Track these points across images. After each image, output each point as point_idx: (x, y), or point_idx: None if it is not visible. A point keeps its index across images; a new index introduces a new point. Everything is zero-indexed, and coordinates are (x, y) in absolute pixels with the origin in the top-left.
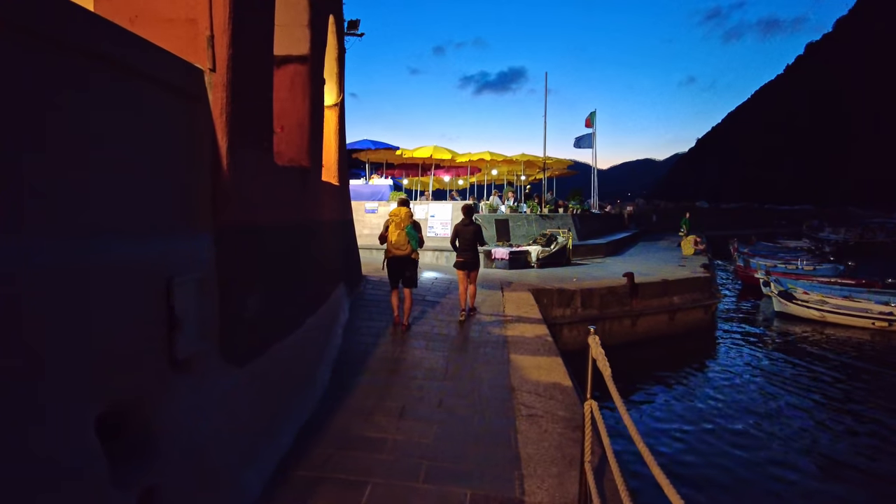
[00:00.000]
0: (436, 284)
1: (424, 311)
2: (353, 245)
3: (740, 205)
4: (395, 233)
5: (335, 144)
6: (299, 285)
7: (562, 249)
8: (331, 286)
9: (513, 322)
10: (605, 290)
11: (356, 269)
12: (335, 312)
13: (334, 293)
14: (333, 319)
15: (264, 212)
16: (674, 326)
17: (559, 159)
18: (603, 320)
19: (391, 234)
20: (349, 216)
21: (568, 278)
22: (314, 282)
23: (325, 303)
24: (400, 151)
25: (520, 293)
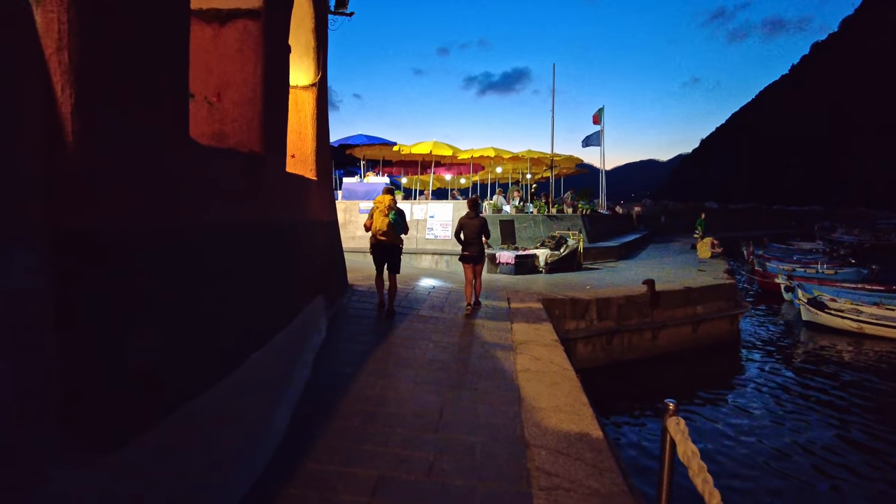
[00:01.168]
0: (433, 295)
1: (417, 329)
2: (337, 250)
3: (749, 205)
4: (379, 219)
5: (312, 132)
6: (242, 309)
7: (572, 253)
8: (301, 302)
9: (523, 343)
10: (624, 299)
11: (340, 278)
12: (305, 336)
13: (306, 311)
14: (301, 345)
15: (169, 210)
16: (697, 339)
17: (568, 156)
18: (621, 333)
19: (376, 221)
20: (332, 217)
21: (580, 285)
22: (270, 301)
23: (288, 326)
24: (398, 147)
25: (529, 305)
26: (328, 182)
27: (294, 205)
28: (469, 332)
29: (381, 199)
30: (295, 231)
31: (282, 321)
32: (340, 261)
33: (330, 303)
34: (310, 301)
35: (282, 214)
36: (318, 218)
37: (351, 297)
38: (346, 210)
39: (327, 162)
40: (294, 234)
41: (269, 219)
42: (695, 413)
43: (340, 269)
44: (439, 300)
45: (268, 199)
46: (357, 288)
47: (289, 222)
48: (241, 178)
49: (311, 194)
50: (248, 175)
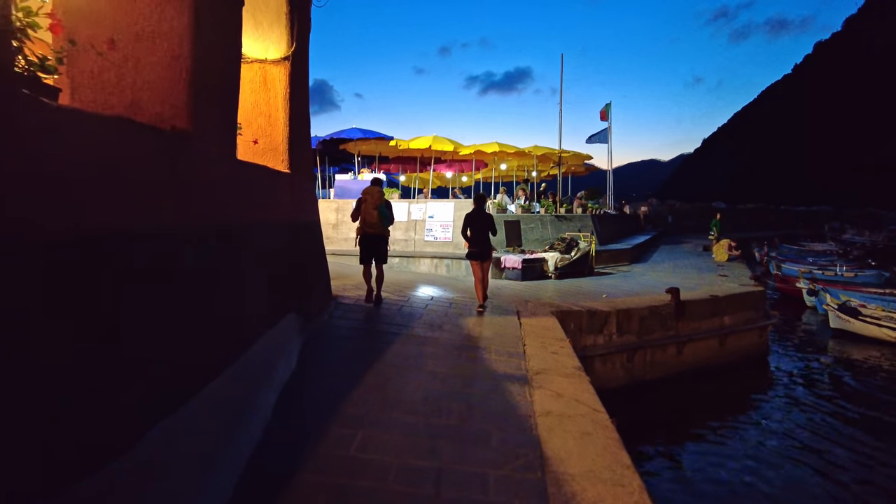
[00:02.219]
0: (431, 308)
1: (410, 355)
2: (319, 257)
3: (757, 206)
4: (368, 212)
5: (283, 116)
6: (140, 359)
7: (584, 257)
8: (257, 328)
9: (540, 373)
10: (647, 310)
11: (321, 290)
12: (262, 373)
13: (265, 339)
14: (255, 387)
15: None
16: (725, 353)
17: (577, 153)
18: (643, 348)
19: (364, 213)
20: (312, 217)
21: (595, 293)
22: (197, 338)
23: (232, 366)
24: (394, 142)
25: (542, 320)
26: (307, 176)
27: (251, 202)
28: (474, 357)
29: (369, 191)
30: (249, 235)
31: (219, 362)
32: (322, 269)
33: (306, 321)
34: (274, 324)
35: (228, 214)
36: (292, 219)
37: (334, 312)
38: (339, 209)
39: (306, 153)
40: (247, 240)
41: (200, 221)
42: (725, 437)
43: (322, 280)
44: (438, 314)
45: (202, 195)
46: (343, 300)
47: (241, 224)
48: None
49: (281, 190)
50: (167, 160)
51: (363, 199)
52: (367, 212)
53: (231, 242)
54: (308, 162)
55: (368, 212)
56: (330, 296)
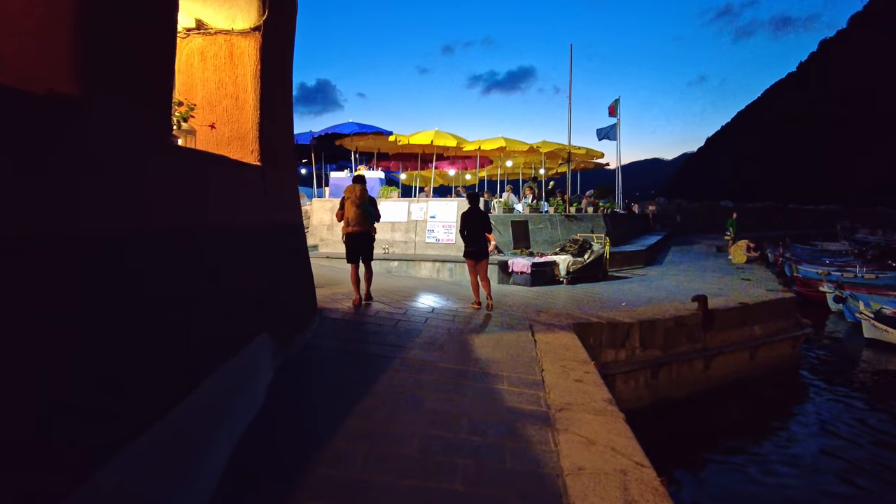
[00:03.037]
0: (431, 323)
1: (406, 386)
2: (300, 265)
3: (765, 204)
4: (351, 210)
5: (253, 97)
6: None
7: (598, 260)
8: (209, 363)
9: (564, 410)
10: (672, 321)
11: (302, 305)
12: (208, 424)
13: (223, 372)
14: (193, 448)
15: None
16: (755, 367)
17: (588, 149)
18: (669, 364)
19: (348, 212)
20: (291, 218)
21: (612, 301)
22: (96, 388)
23: (168, 414)
24: (394, 137)
25: (559, 336)
26: (286, 171)
27: (200, 202)
28: (482, 389)
29: (352, 188)
30: (196, 244)
31: (138, 423)
32: (305, 280)
33: (282, 343)
34: (236, 351)
35: (159, 218)
36: (263, 220)
37: (319, 330)
38: (334, 209)
39: (285, 143)
40: (193, 250)
41: (103, 226)
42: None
43: (304, 292)
44: (439, 330)
45: (104, 190)
46: (331, 313)
47: (182, 230)
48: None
49: (247, 186)
50: (33, 137)
51: (346, 198)
52: (349, 210)
53: (163, 255)
54: (288, 153)
55: (351, 209)
56: (314, 309)
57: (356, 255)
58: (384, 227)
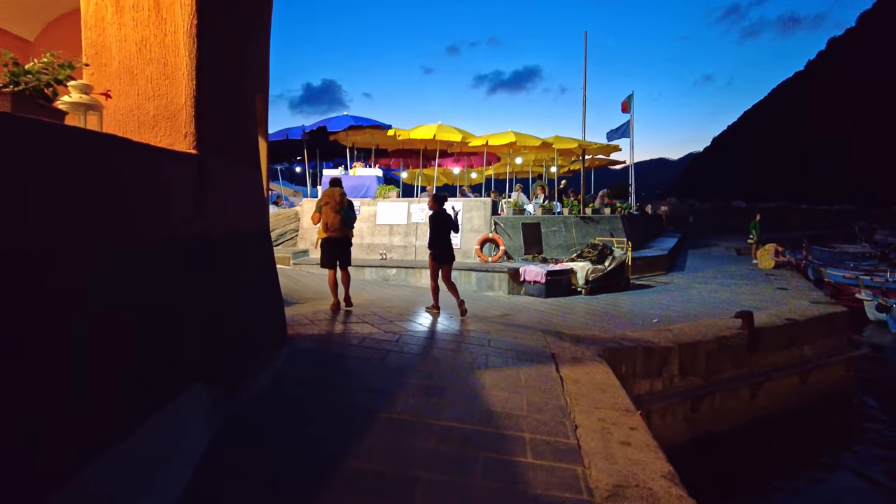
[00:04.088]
0: (431, 355)
1: (390, 461)
2: (259, 285)
3: (779, 204)
4: (330, 216)
5: (188, 62)
6: None
7: (619, 267)
8: (93, 439)
9: (611, 498)
10: (715, 342)
11: (260, 338)
12: None
13: (116, 457)
14: None
15: None
16: (806, 393)
17: (604, 145)
18: (711, 393)
19: (327, 217)
20: (247, 225)
21: (640, 315)
22: None
23: None
24: (393, 132)
25: (589, 370)
26: (246, 164)
27: (55, 204)
28: (499, 465)
29: (330, 192)
30: (49, 266)
31: None
32: (269, 302)
33: (228, 394)
34: (145, 418)
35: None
36: (196, 228)
37: (286, 365)
38: None
39: (243, 128)
40: (52, 275)
41: None
42: None
43: (267, 319)
44: (441, 365)
45: None
46: (303, 341)
47: (15, 251)
48: None
49: (168, 184)
50: None
51: (324, 202)
52: (328, 215)
53: None
54: (248, 142)
55: (330, 215)
56: (282, 338)
57: (334, 259)
58: (382, 230)
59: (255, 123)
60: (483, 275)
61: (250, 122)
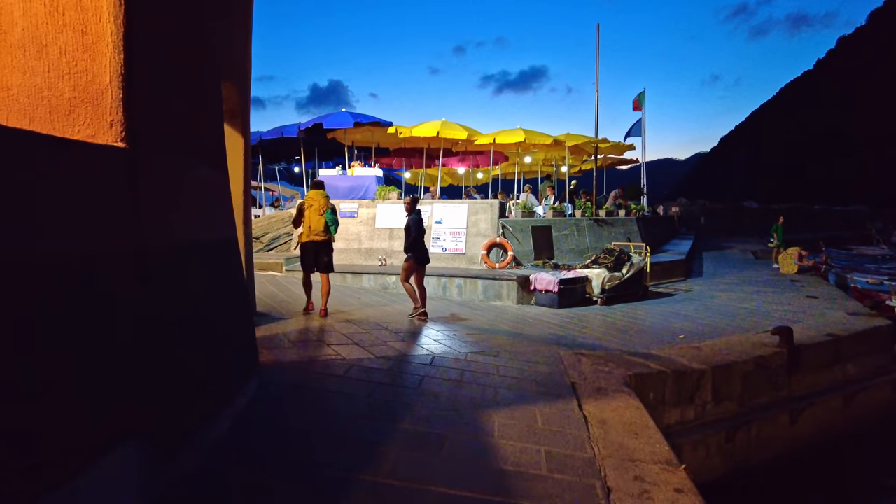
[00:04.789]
0: (428, 386)
1: None
2: (218, 306)
3: (792, 205)
4: (313, 219)
5: (112, 29)
6: None
7: (638, 274)
8: None
9: None
10: (752, 363)
11: (222, 370)
12: None
13: None
14: None
15: None
16: (851, 417)
17: (617, 143)
18: (748, 422)
19: (309, 221)
20: (204, 235)
21: (664, 330)
22: None
23: None
24: (394, 129)
25: (617, 405)
26: (205, 163)
27: None
28: None
29: (313, 195)
30: None
31: None
32: (233, 329)
33: (171, 450)
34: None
35: None
36: (125, 242)
37: (252, 405)
38: None
39: (202, 120)
40: None
41: None
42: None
43: (226, 351)
44: (440, 402)
45: None
46: (279, 371)
47: None
48: None
49: (93, 188)
50: None
51: (306, 205)
52: (312, 218)
53: None
54: (209, 135)
55: (314, 218)
56: (250, 370)
57: (313, 264)
58: (381, 234)
59: (219, 115)
60: (490, 283)
61: (212, 113)
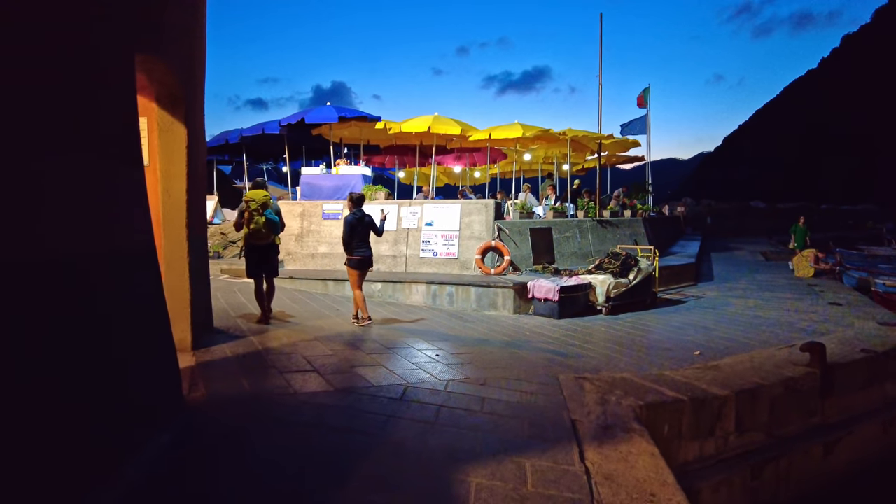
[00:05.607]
0: (393, 431)
1: None
2: (117, 339)
3: (799, 204)
4: (253, 221)
5: None
6: None
7: (646, 281)
8: None
9: None
10: (781, 386)
11: (111, 425)
12: None
13: None
14: None
15: None
16: (890, 446)
17: (622, 139)
18: (778, 458)
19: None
20: (99, 246)
21: (676, 345)
22: None
23: None
24: (382, 124)
25: (628, 450)
26: (101, 156)
27: None
28: None
29: (252, 195)
30: None
31: None
32: (136, 365)
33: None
34: None
35: None
36: None
37: (158, 470)
38: (304, 214)
39: (95, 101)
40: None
41: None
42: None
43: (125, 394)
44: (406, 457)
45: None
46: (205, 414)
47: None
48: None
49: None
50: None
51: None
52: (252, 220)
53: None
54: (111, 117)
55: (254, 220)
56: (168, 414)
57: (259, 269)
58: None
59: (126, 97)
60: (484, 291)
61: (113, 94)
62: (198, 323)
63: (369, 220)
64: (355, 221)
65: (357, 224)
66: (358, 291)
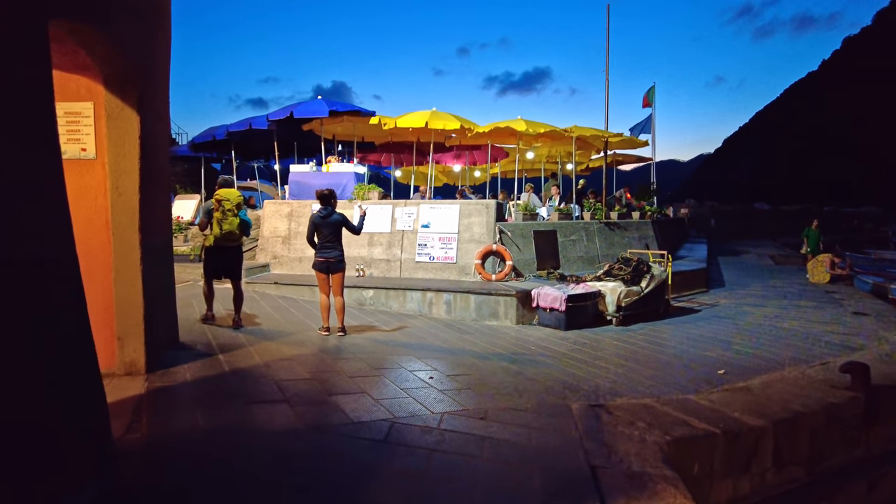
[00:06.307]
0: (370, 489)
1: None
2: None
3: (803, 206)
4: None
5: None
6: None
7: (659, 288)
8: None
9: None
10: (822, 413)
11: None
12: None
13: None
14: None
15: None
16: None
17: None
18: (818, 498)
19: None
20: None
21: (697, 361)
22: None
23: None
24: (377, 119)
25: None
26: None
27: None
28: None
29: (225, 194)
30: None
31: None
32: (45, 404)
33: None
34: None
35: None
36: None
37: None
38: (292, 215)
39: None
40: None
41: None
42: None
43: (26, 450)
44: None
45: None
46: (140, 469)
47: None
48: None
49: None
50: None
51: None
52: (225, 220)
53: None
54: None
55: (228, 220)
56: (90, 467)
57: (220, 271)
58: (359, 240)
59: (35, 70)
60: (485, 299)
61: (6, 53)
62: (154, 341)
63: (338, 218)
64: (318, 219)
65: (320, 222)
66: (324, 297)
